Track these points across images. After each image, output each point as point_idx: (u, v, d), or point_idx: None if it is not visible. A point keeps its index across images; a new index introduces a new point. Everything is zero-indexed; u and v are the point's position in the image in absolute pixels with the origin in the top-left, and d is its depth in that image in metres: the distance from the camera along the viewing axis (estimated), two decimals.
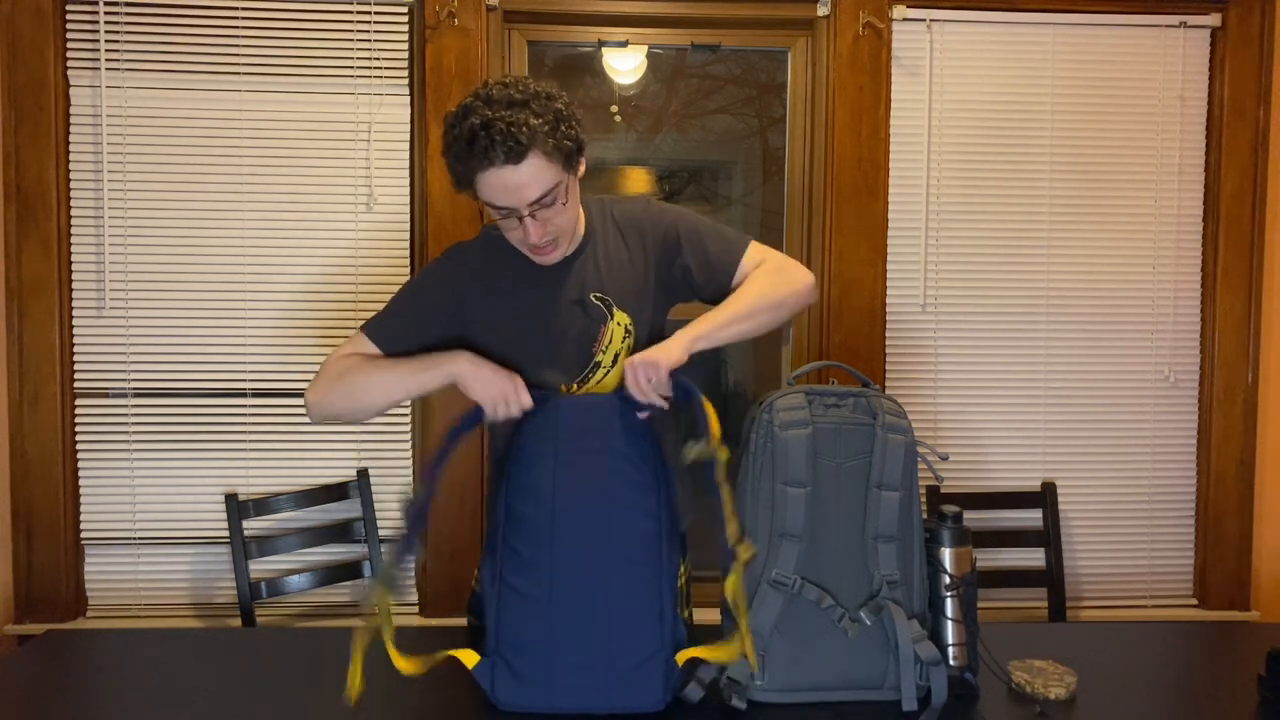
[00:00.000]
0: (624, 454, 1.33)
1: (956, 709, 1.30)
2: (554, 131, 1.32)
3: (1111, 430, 2.61)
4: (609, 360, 1.50)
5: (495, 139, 1.28)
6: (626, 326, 1.50)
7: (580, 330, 1.48)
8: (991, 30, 2.55)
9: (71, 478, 2.44)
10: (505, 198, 1.33)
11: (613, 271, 1.51)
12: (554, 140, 1.32)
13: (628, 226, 1.54)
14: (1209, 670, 1.46)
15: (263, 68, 2.43)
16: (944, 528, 1.38)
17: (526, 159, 1.30)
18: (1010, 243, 2.58)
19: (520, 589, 1.30)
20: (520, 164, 1.30)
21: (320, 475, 2.47)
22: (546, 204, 1.35)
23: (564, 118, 1.34)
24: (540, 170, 1.32)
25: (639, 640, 1.28)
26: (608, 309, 1.49)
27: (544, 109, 1.32)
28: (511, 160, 1.29)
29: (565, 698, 1.26)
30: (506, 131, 1.27)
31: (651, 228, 1.53)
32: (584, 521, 1.30)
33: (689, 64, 2.72)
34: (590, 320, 1.49)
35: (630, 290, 1.51)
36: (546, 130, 1.31)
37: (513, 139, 1.28)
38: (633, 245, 1.54)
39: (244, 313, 2.45)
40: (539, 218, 1.36)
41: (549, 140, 1.31)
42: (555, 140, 1.32)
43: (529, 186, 1.32)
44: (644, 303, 1.53)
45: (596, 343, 1.49)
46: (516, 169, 1.30)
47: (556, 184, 1.35)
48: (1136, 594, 2.64)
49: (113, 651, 1.52)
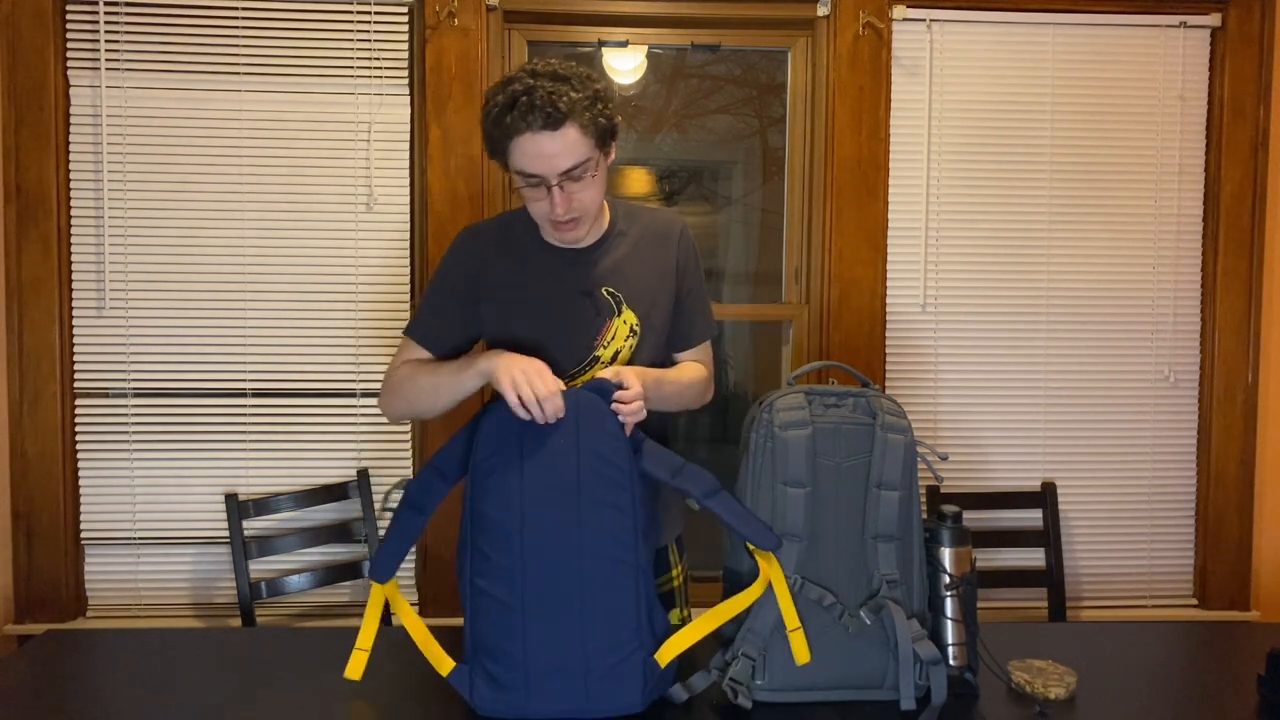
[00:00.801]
0: (594, 450, 1.29)
1: (956, 709, 1.30)
2: (591, 106, 1.36)
3: (1111, 430, 2.61)
4: (608, 356, 1.50)
5: (536, 104, 1.32)
6: (633, 326, 1.51)
7: (585, 321, 1.49)
8: (991, 30, 2.55)
9: (71, 478, 2.44)
10: (537, 164, 1.36)
11: (631, 271, 1.52)
12: (591, 114, 1.36)
13: (655, 234, 1.57)
14: (1209, 670, 1.46)
15: (263, 68, 2.43)
16: (944, 528, 1.38)
17: (563, 127, 1.34)
18: (1010, 243, 2.58)
19: (491, 593, 1.27)
20: (557, 131, 1.33)
21: (320, 475, 2.47)
22: (575, 176, 1.37)
23: (602, 97, 1.39)
24: (575, 141, 1.35)
25: (616, 640, 1.26)
26: (617, 305, 1.50)
27: (584, 85, 1.37)
28: (549, 126, 1.33)
29: (544, 702, 1.25)
30: (547, 98, 1.32)
31: (676, 246, 1.58)
32: (554, 521, 1.27)
33: (689, 64, 2.72)
34: (597, 312, 1.49)
35: (644, 292, 1.52)
36: (585, 104, 1.35)
37: (552, 105, 1.32)
38: (657, 252, 1.56)
39: (244, 313, 2.45)
40: (566, 190, 1.38)
41: (586, 113, 1.35)
42: (592, 114, 1.36)
43: (562, 155, 1.35)
44: (656, 307, 1.53)
45: (599, 336, 1.49)
46: (553, 136, 1.33)
47: (588, 158, 1.37)
48: (1136, 594, 2.64)
49: (113, 651, 1.52)
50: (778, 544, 1.31)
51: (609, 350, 1.50)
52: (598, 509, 1.28)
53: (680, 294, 1.58)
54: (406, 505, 1.35)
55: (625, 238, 1.55)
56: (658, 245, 1.56)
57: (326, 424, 2.48)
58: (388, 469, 2.50)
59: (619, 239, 1.54)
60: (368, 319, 2.47)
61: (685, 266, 1.58)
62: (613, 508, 1.28)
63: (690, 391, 1.57)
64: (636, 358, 1.52)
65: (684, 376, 1.56)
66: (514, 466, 1.28)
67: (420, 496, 1.34)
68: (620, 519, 1.28)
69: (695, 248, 1.61)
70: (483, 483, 1.29)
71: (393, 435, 2.49)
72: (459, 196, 2.44)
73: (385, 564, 1.34)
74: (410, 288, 2.48)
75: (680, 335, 1.61)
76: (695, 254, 1.61)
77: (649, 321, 1.52)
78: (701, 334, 1.64)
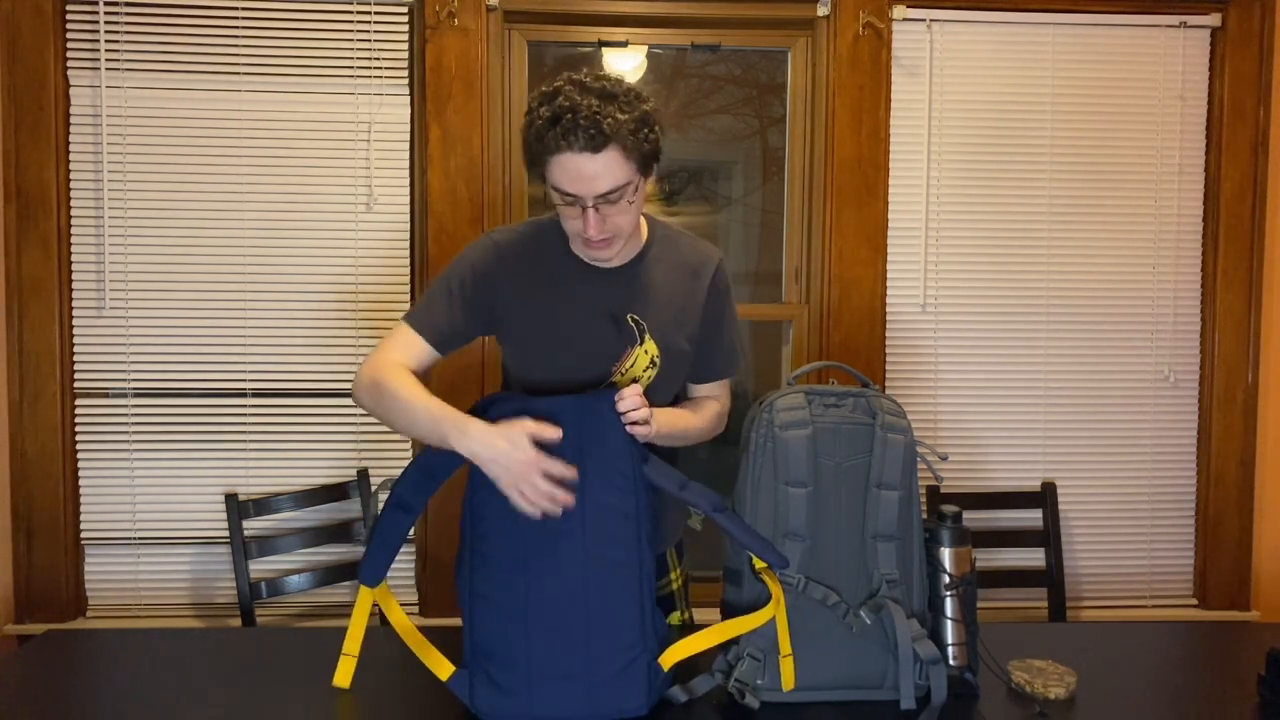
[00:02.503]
0: (598, 454, 1.27)
1: (956, 709, 1.30)
2: (637, 130, 1.31)
3: (1111, 430, 2.61)
4: (625, 384, 1.44)
5: (580, 123, 1.27)
6: (654, 358, 1.46)
7: (606, 345, 1.45)
8: (991, 30, 2.55)
9: (71, 478, 2.44)
10: (575, 185, 1.31)
11: (659, 299, 1.48)
12: (635, 138, 1.31)
13: (689, 266, 1.52)
14: (1209, 670, 1.46)
15: (263, 68, 2.43)
16: (944, 527, 1.38)
17: (605, 150, 1.29)
18: (1010, 243, 2.58)
19: (492, 597, 1.26)
20: (598, 154, 1.29)
21: (320, 475, 2.47)
22: (613, 200, 1.33)
23: (649, 121, 1.34)
24: (615, 164, 1.31)
25: (619, 644, 1.25)
26: (640, 333, 1.46)
27: (631, 106, 1.32)
28: (590, 148, 1.28)
29: (547, 706, 1.23)
30: (592, 119, 1.27)
31: (709, 280, 1.53)
32: (557, 526, 1.24)
33: (689, 64, 2.72)
34: (619, 338, 1.45)
35: (669, 322, 1.48)
36: (631, 128, 1.30)
37: (596, 127, 1.27)
38: (689, 283, 1.51)
39: (244, 313, 2.45)
40: (601, 212, 1.33)
41: (631, 137, 1.30)
42: (636, 139, 1.31)
43: (601, 178, 1.31)
44: (678, 338, 1.49)
45: (618, 363, 1.45)
46: (594, 158, 1.29)
47: (627, 182, 1.33)
48: (1136, 594, 2.64)
49: (113, 651, 1.52)
50: (785, 563, 1.30)
51: (626, 379, 1.45)
52: (601, 512, 1.26)
53: (706, 331, 1.53)
54: (393, 506, 1.33)
55: (659, 265, 1.50)
56: (690, 278, 1.51)
57: (326, 424, 2.48)
58: (388, 469, 2.50)
59: (652, 264, 1.49)
60: (368, 319, 2.47)
61: (715, 304, 1.54)
62: (617, 512, 1.27)
63: (704, 432, 1.55)
64: (653, 389, 1.47)
65: (697, 418, 1.52)
66: None
67: (408, 496, 1.32)
68: (624, 523, 1.27)
69: (728, 284, 1.57)
70: (484, 486, 1.27)
71: (392, 435, 2.49)
72: (459, 196, 2.44)
73: (374, 567, 1.32)
74: (410, 288, 2.48)
75: (703, 369, 1.57)
76: (727, 291, 1.57)
77: (670, 353, 1.48)
78: (724, 370, 1.60)
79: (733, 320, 1.59)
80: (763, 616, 1.29)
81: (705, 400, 1.59)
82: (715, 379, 1.60)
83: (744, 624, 1.30)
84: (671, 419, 1.43)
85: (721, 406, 1.60)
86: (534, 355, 1.47)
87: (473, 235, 2.39)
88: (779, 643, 1.30)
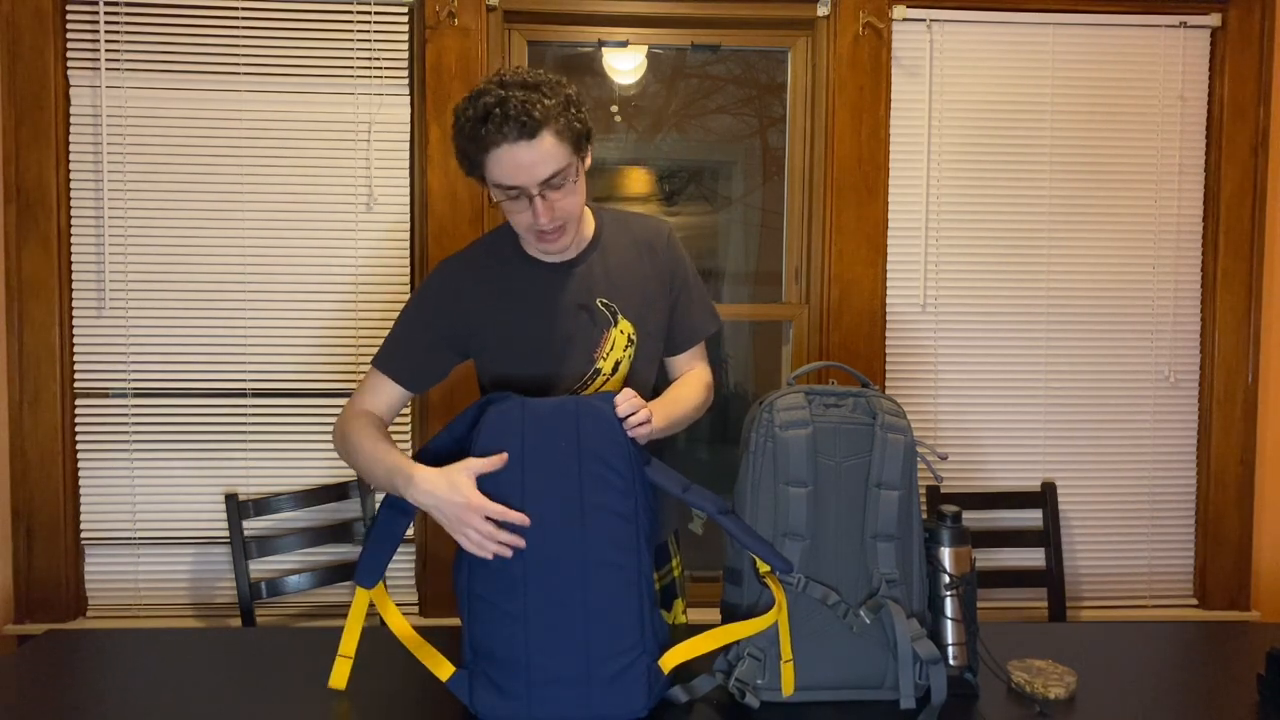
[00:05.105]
0: (596, 455, 1.27)
1: (956, 708, 1.30)
2: (565, 112, 1.35)
3: (1111, 430, 2.61)
4: (609, 368, 1.49)
5: (510, 114, 1.30)
6: (630, 336, 1.50)
7: (584, 335, 1.48)
8: (991, 30, 2.55)
9: (71, 478, 2.44)
10: (516, 176, 1.34)
11: (622, 280, 1.52)
12: (565, 120, 1.35)
13: (641, 240, 1.56)
14: (1209, 670, 1.46)
15: (263, 68, 2.43)
16: (943, 527, 1.38)
17: (539, 135, 1.32)
18: (1010, 243, 2.58)
19: (492, 599, 1.26)
20: (533, 140, 1.32)
21: (320, 475, 2.47)
22: (556, 185, 1.36)
23: (573, 102, 1.38)
24: (552, 149, 1.34)
25: (620, 646, 1.25)
26: (613, 315, 1.49)
27: (555, 92, 1.35)
28: (525, 136, 1.32)
29: (547, 708, 1.24)
30: (521, 108, 1.30)
31: (664, 251, 1.57)
32: (555, 528, 1.25)
33: (689, 64, 2.72)
34: (594, 325, 1.49)
35: (637, 300, 1.52)
36: (559, 110, 1.34)
37: (527, 115, 1.30)
38: (645, 258, 1.55)
39: (244, 313, 2.45)
40: (548, 199, 1.36)
41: (560, 119, 1.34)
42: (566, 119, 1.35)
43: (541, 164, 1.34)
44: (649, 313, 1.53)
45: (598, 348, 1.49)
46: (530, 145, 1.32)
47: (567, 164, 1.36)
48: (1136, 594, 2.64)
49: (113, 651, 1.52)
50: (790, 567, 1.30)
51: (609, 362, 1.49)
52: (600, 515, 1.26)
53: (674, 298, 1.58)
54: (388, 506, 1.34)
55: (615, 247, 1.54)
56: (647, 252, 1.55)
57: (327, 424, 2.48)
58: None
59: (608, 249, 1.53)
60: (367, 319, 2.47)
61: (675, 270, 1.58)
62: (616, 514, 1.27)
63: (699, 409, 1.56)
64: (634, 365, 1.51)
65: (689, 398, 1.54)
66: (515, 472, 1.26)
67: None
68: (624, 525, 1.27)
69: (682, 249, 1.60)
70: (483, 488, 1.27)
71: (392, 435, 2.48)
72: (459, 197, 2.44)
73: (370, 569, 1.33)
74: (410, 288, 2.48)
75: (680, 338, 1.61)
76: (683, 256, 1.60)
77: (644, 329, 1.52)
78: (701, 331, 1.63)
79: (697, 281, 1.63)
80: (765, 622, 1.29)
81: (688, 376, 1.61)
82: (699, 339, 1.63)
83: (746, 629, 1.29)
84: (667, 409, 1.45)
85: (705, 374, 1.63)
86: (515, 365, 1.48)
87: (473, 235, 2.39)
88: (781, 648, 1.30)
